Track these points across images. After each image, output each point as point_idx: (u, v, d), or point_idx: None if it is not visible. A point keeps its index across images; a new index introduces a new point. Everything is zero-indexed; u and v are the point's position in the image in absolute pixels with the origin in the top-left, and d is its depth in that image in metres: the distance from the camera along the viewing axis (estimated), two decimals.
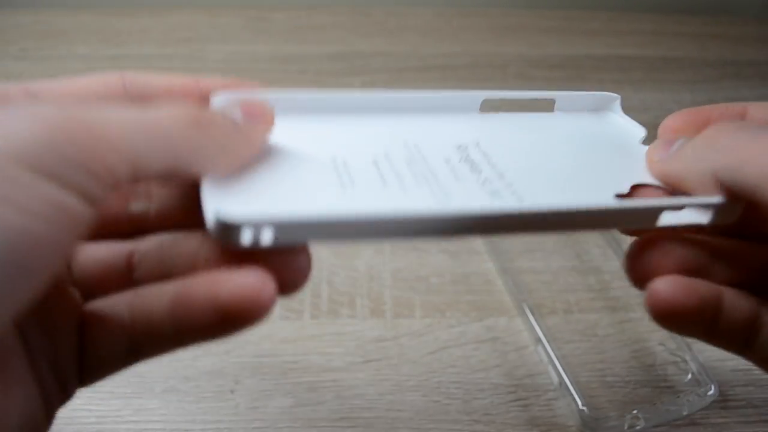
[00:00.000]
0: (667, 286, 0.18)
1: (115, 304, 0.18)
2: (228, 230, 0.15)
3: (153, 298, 0.18)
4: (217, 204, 0.16)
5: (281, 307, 0.36)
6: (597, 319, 0.36)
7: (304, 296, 0.37)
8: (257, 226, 0.15)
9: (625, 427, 0.31)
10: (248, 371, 0.33)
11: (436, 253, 0.40)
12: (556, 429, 0.31)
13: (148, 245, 0.19)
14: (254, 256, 0.17)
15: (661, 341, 0.35)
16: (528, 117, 0.24)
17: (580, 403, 0.31)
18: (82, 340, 0.18)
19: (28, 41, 0.61)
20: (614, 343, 0.35)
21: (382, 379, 0.33)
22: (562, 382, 0.32)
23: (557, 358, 0.33)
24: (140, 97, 0.19)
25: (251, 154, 0.19)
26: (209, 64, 0.58)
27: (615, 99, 0.24)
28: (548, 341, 0.34)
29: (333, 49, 0.61)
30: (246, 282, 0.16)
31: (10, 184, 0.13)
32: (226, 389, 0.32)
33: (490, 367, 0.34)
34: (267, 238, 0.16)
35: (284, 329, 0.35)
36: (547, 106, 0.23)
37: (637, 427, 0.31)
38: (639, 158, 0.22)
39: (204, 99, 0.20)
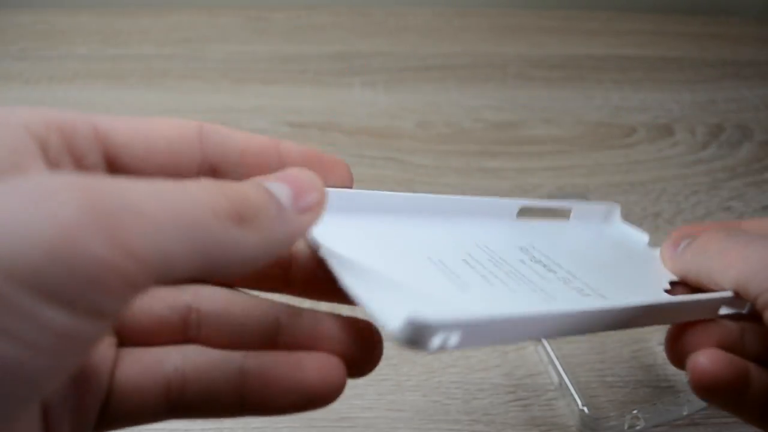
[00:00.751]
0: (707, 358, 0.20)
1: (161, 359, 0.17)
2: (420, 334, 0.14)
3: (213, 364, 0.17)
4: (391, 306, 0.15)
5: None
6: None
7: None
8: (449, 330, 0.15)
9: (625, 427, 0.31)
10: None
11: None
12: (556, 429, 0.31)
13: (210, 305, 0.18)
14: (328, 340, 0.17)
15: (661, 341, 0.35)
16: (557, 225, 0.26)
17: (580, 403, 0.31)
18: (111, 389, 0.17)
19: (28, 41, 0.61)
20: (614, 343, 0.35)
21: (382, 379, 0.33)
22: (562, 382, 0.32)
23: (557, 358, 0.33)
24: (214, 154, 0.18)
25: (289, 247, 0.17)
26: (209, 64, 0.58)
27: (617, 207, 0.28)
28: (548, 341, 0.34)
29: (333, 49, 0.61)
30: (330, 368, 0.17)
31: (7, 312, 0.11)
32: None
33: (490, 367, 0.34)
34: (454, 341, 0.15)
35: None
36: (564, 213, 0.26)
37: (637, 427, 0.31)
38: (655, 258, 0.25)
39: (282, 163, 0.18)
